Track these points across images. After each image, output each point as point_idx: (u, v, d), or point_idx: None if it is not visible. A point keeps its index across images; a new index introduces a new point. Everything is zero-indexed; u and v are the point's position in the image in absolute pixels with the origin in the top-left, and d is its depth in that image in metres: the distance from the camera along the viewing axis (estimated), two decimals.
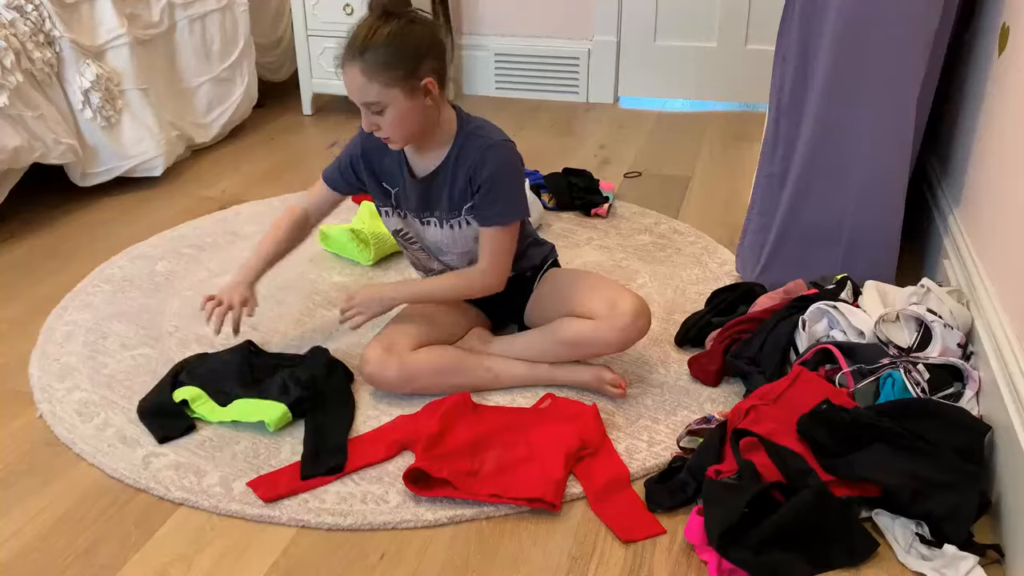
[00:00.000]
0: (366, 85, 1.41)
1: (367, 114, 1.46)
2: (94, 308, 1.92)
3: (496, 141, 1.53)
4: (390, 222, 1.67)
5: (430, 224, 1.61)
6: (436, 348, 1.60)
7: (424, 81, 1.43)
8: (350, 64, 1.41)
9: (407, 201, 1.60)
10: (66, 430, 1.51)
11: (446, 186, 1.55)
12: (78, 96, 2.42)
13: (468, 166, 1.52)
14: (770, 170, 1.91)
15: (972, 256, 1.64)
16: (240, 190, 2.63)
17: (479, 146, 1.51)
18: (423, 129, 1.50)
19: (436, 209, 1.58)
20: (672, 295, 1.97)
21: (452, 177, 1.54)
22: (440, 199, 1.57)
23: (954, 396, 1.40)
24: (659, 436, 1.48)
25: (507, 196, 1.53)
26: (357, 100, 1.45)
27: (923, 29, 1.67)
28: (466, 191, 1.54)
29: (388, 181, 1.61)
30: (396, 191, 1.60)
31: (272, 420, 1.48)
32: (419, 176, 1.57)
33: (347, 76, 1.43)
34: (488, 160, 1.50)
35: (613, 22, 3.46)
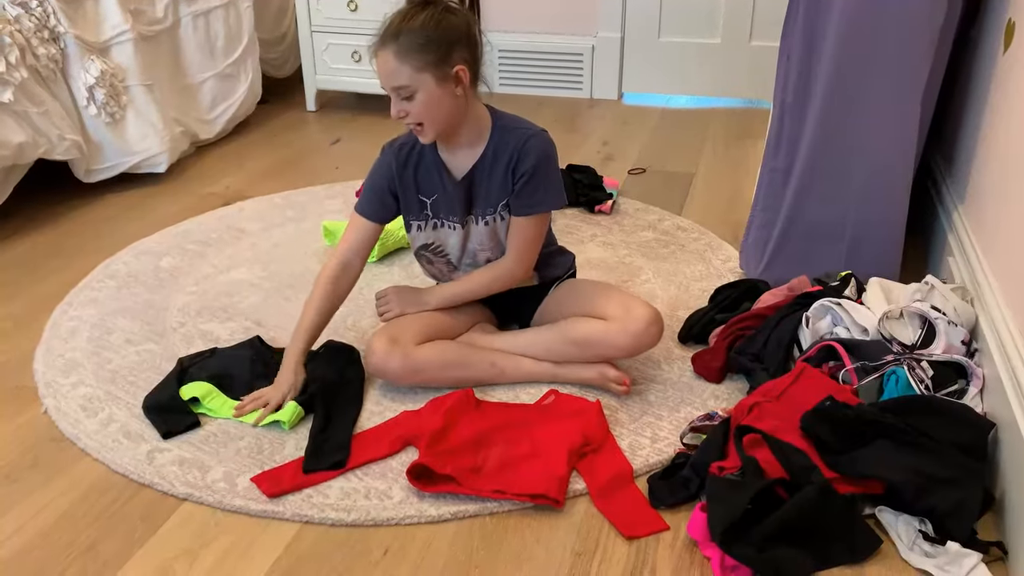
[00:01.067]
0: (398, 69, 1.42)
1: (396, 100, 1.46)
2: (99, 304, 1.92)
3: (536, 131, 1.54)
4: (420, 237, 1.64)
5: (468, 224, 1.60)
6: (441, 342, 1.61)
7: (455, 69, 1.44)
8: (383, 49, 1.42)
9: (448, 206, 1.59)
10: (70, 425, 1.51)
11: (485, 182, 1.55)
12: (83, 92, 2.43)
13: (508, 158, 1.52)
14: (774, 166, 1.91)
15: (976, 253, 1.64)
16: (244, 186, 2.63)
17: (519, 137, 1.52)
18: (453, 120, 1.50)
19: (477, 208, 1.58)
20: (676, 291, 1.97)
21: (490, 172, 1.54)
22: (481, 196, 1.57)
23: (958, 393, 1.39)
24: (662, 432, 1.48)
25: (548, 185, 1.54)
26: (387, 84, 1.45)
27: (928, 26, 1.66)
28: (506, 183, 1.54)
29: (425, 191, 1.59)
30: (434, 199, 1.59)
31: (288, 419, 1.49)
32: (458, 177, 1.56)
33: (379, 61, 1.44)
34: (531, 150, 1.51)
35: (617, 18, 3.45)
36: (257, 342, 1.70)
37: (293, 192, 2.56)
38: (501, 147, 1.53)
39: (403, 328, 1.59)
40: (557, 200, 1.58)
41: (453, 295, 1.65)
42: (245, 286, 2.00)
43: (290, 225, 2.34)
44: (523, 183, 1.52)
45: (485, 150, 1.54)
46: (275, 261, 2.13)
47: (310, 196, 2.53)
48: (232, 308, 1.90)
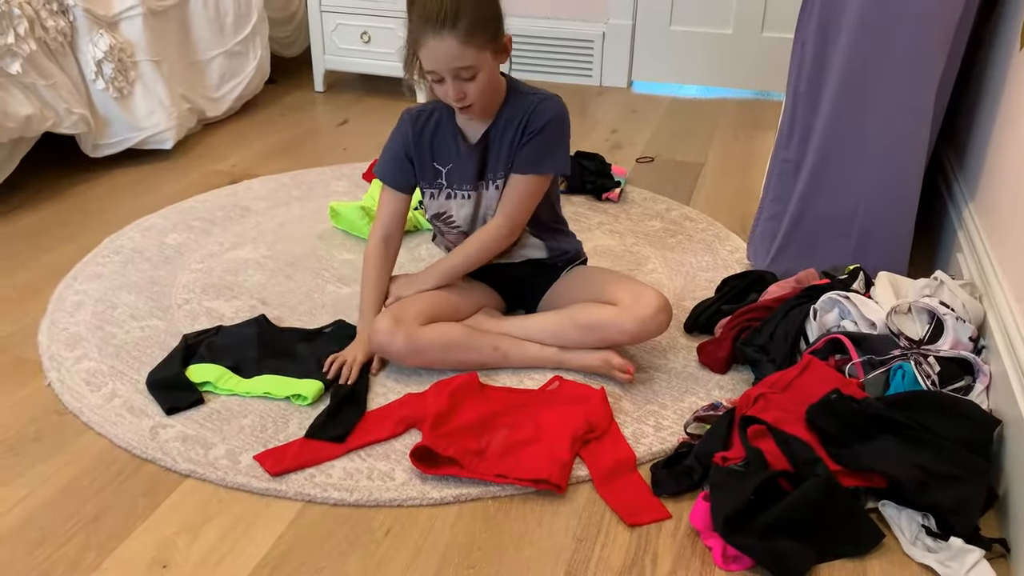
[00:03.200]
0: (463, 52, 1.41)
1: (457, 83, 1.44)
2: (104, 278, 1.92)
3: (550, 95, 1.56)
4: (432, 205, 1.65)
5: (480, 189, 1.60)
6: (445, 323, 1.60)
7: (505, 40, 1.46)
8: (441, 34, 1.39)
9: (461, 174, 1.59)
10: (74, 399, 1.51)
11: (497, 143, 1.56)
12: (91, 66, 2.42)
13: (519, 119, 1.53)
14: (785, 157, 1.90)
15: (986, 250, 1.63)
16: (251, 165, 2.63)
17: (533, 100, 1.54)
18: (499, 90, 1.52)
19: (489, 172, 1.59)
20: (682, 281, 1.97)
21: (503, 135, 1.55)
22: (494, 159, 1.57)
23: (964, 389, 1.39)
24: (666, 422, 1.48)
25: (553, 146, 1.55)
26: (450, 67, 1.42)
27: (944, 21, 1.65)
28: (515, 143, 1.54)
29: (441, 160, 1.60)
30: (449, 168, 1.60)
31: (312, 394, 1.50)
32: (472, 142, 1.57)
33: (438, 46, 1.40)
34: (544, 110, 1.53)
35: (629, 6, 3.43)
36: (263, 320, 1.70)
37: (300, 172, 2.55)
38: (515, 111, 1.54)
39: (407, 309, 1.59)
40: (561, 164, 1.57)
41: (447, 269, 1.64)
42: (250, 264, 2.00)
43: (296, 205, 2.33)
44: (529, 140, 1.53)
45: (499, 114, 1.55)
46: (280, 240, 2.12)
47: (317, 177, 2.53)
48: (237, 286, 1.90)
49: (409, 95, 3.15)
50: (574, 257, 1.73)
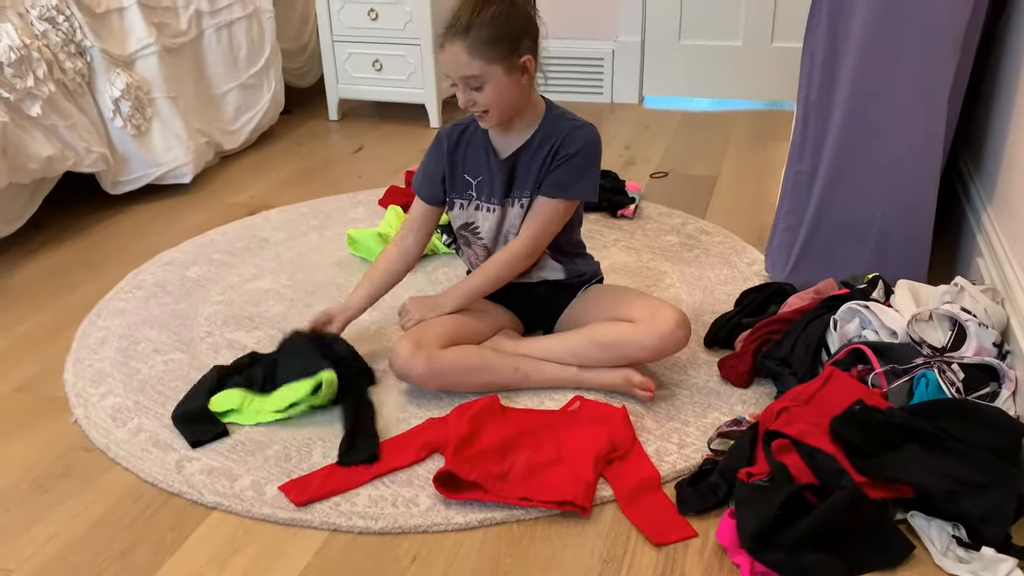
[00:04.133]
0: (469, 61, 1.47)
1: (465, 89, 1.51)
2: (127, 314, 1.94)
3: (584, 124, 1.59)
4: (461, 215, 1.67)
5: (505, 206, 1.63)
6: (465, 346, 1.61)
7: (523, 59, 1.50)
8: (453, 41, 1.47)
9: (490, 187, 1.62)
10: (100, 435, 1.53)
11: (527, 163, 1.59)
12: (109, 105, 2.46)
13: (553, 143, 1.57)
14: (799, 168, 1.90)
15: (1007, 253, 1.62)
16: (268, 196, 2.65)
17: (568, 126, 1.58)
18: (518, 106, 1.56)
19: (517, 190, 1.61)
20: (701, 296, 1.96)
21: (534, 155, 1.58)
22: (523, 179, 1.60)
23: (990, 396, 1.37)
24: (689, 438, 1.47)
25: (583, 172, 1.58)
26: (456, 75, 1.50)
27: (954, 23, 1.65)
28: (545, 166, 1.58)
29: (471, 172, 1.63)
30: (479, 180, 1.63)
31: (327, 380, 1.52)
32: (503, 156, 1.60)
33: (449, 52, 1.48)
34: (577, 137, 1.56)
35: (637, 22, 3.45)
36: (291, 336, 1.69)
37: (317, 201, 2.58)
38: (549, 133, 1.57)
39: (427, 332, 1.60)
40: (588, 191, 1.60)
41: (468, 290, 1.66)
42: (270, 295, 2.01)
43: (314, 234, 2.35)
44: (559, 164, 1.56)
45: (534, 135, 1.58)
46: (300, 270, 2.14)
47: (334, 205, 2.55)
48: (258, 317, 1.92)
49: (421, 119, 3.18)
50: (591, 277, 1.73)
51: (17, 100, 2.17)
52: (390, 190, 2.52)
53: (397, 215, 2.25)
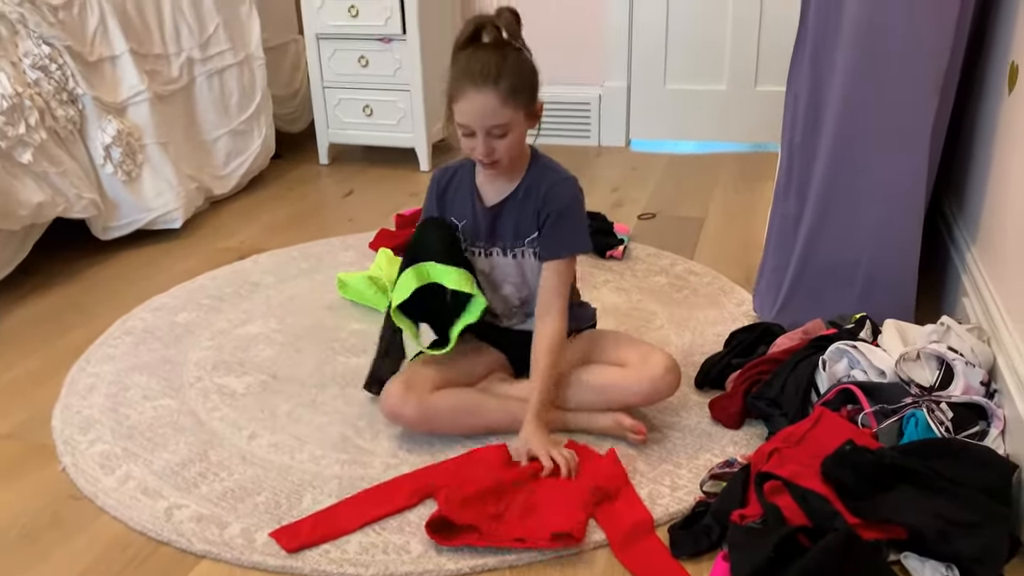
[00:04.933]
0: (499, 109, 1.46)
1: (488, 139, 1.48)
2: (116, 360, 1.94)
3: (566, 176, 1.60)
4: None
5: (492, 255, 1.63)
6: (456, 389, 1.61)
7: (538, 105, 1.52)
8: (483, 90, 1.45)
9: (475, 232, 1.62)
10: (88, 483, 1.52)
11: (513, 215, 1.59)
12: (100, 151, 2.47)
13: (537, 198, 1.57)
14: (784, 210, 1.92)
15: (991, 293, 1.64)
16: (258, 240, 2.66)
17: (550, 180, 1.57)
18: (522, 153, 1.57)
19: (500, 240, 1.61)
20: (690, 337, 1.97)
21: (520, 207, 1.58)
22: (506, 229, 1.60)
23: (979, 435, 1.38)
24: (681, 481, 1.47)
25: (574, 228, 1.59)
26: (484, 124, 1.47)
27: (933, 67, 1.68)
28: (532, 222, 1.58)
29: (457, 215, 1.63)
30: (464, 223, 1.62)
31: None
32: (488, 205, 1.60)
33: (478, 100, 1.45)
34: (559, 194, 1.56)
35: (623, 68, 3.50)
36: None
37: (307, 245, 2.59)
38: (534, 185, 1.57)
39: (418, 375, 1.60)
40: (584, 244, 1.61)
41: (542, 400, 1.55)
42: (260, 339, 2.01)
43: (304, 278, 2.36)
44: (550, 225, 1.56)
45: (519, 184, 1.58)
46: (290, 314, 2.14)
47: (324, 248, 2.56)
48: (248, 362, 1.91)
49: (411, 162, 3.21)
50: (586, 323, 1.74)
51: (8, 147, 2.18)
52: (380, 233, 2.53)
53: (388, 258, 2.26)
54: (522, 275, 1.64)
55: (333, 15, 3.20)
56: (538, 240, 1.58)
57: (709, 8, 3.36)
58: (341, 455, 1.57)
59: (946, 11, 1.64)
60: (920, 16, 1.63)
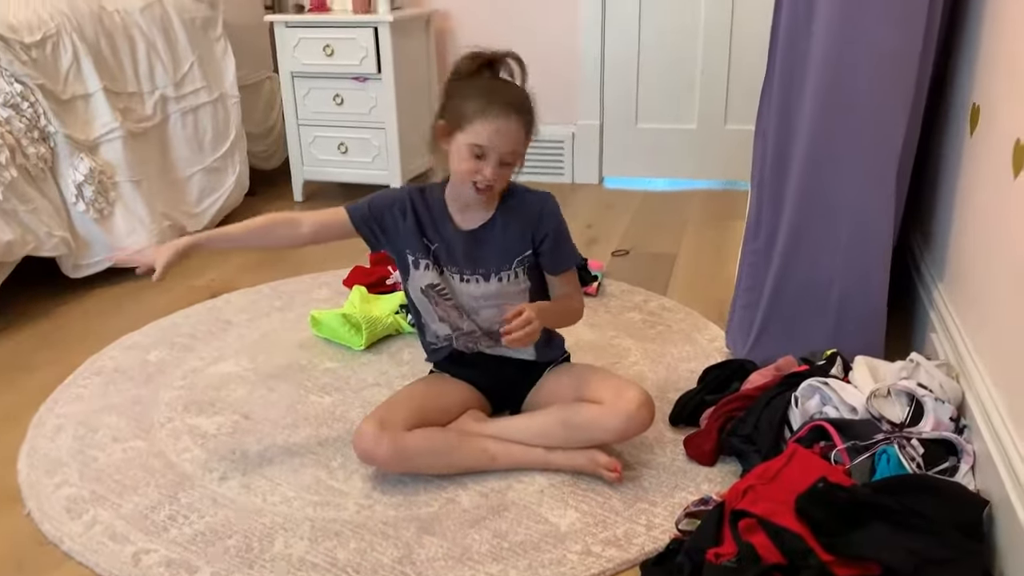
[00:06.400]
0: (520, 139, 1.49)
1: (497, 165, 1.49)
2: (85, 400, 1.91)
3: (547, 195, 1.62)
4: (426, 276, 1.62)
5: (470, 282, 1.61)
6: (431, 428, 1.60)
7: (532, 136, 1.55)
8: (510, 116, 1.47)
9: (450, 257, 1.61)
10: (54, 527, 1.48)
11: (498, 239, 1.59)
12: (71, 189, 2.46)
13: (525, 220, 1.58)
14: (755, 246, 1.95)
15: (958, 329, 1.66)
16: (231, 278, 2.65)
17: (533, 201, 1.60)
18: None
19: (482, 266, 1.60)
20: (664, 373, 1.98)
21: (504, 230, 1.59)
22: (489, 253, 1.59)
23: (950, 470, 1.39)
24: (657, 519, 1.47)
25: (570, 242, 1.64)
26: (503, 149, 1.48)
27: (898, 107, 1.72)
28: (523, 242, 1.59)
29: (430, 237, 1.61)
30: (436, 247, 1.61)
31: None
32: (462, 227, 1.59)
33: (504, 125, 1.47)
34: (549, 213, 1.60)
35: (596, 107, 3.55)
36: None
37: (281, 282, 2.58)
38: (517, 208, 1.59)
39: (393, 413, 1.58)
40: (577, 255, 1.67)
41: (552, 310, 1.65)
42: (232, 379, 1.99)
43: (276, 316, 2.34)
44: (552, 244, 1.59)
45: (498, 208, 1.59)
46: (262, 352, 2.12)
47: (297, 286, 2.55)
48: (219, 402, 1.89)
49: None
50: (559, 356, 1.74)
51: None
52: (355, 270, 2.53)
53: (362, 295, 2.26)
54: (508, 295, 1.62)
55: (308, 54, 3.22)
56: (539, 259, 1.61)
57: (679, 49, 3.42)
58: (313, 496, 1.55)
59: (909, 52, 1.68)
60: (884, 58, 1.68)
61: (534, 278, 1.63)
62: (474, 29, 3.56)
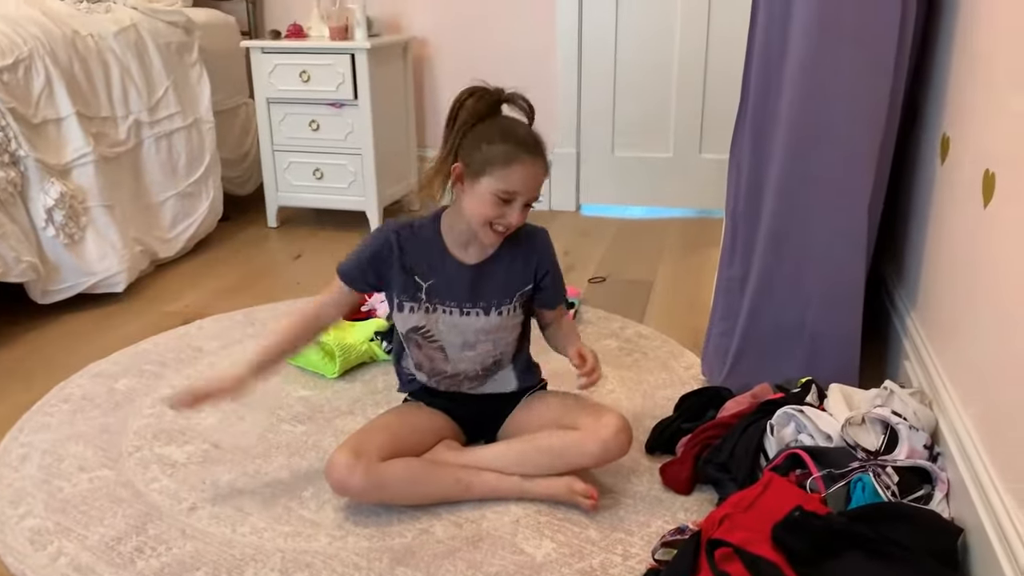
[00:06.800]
0: (544, 180, 1.51)
1: (522, 208, 1.50)
2: (52, 429, 1.87)
3: (543, 229, 1.65)
4: (411, 319, 1.60)
5: (470, 315, 1.59)
6: (406, 458, 1.57)
7: None
8: (537, 159, 1.49)
9: (447, 291, 1.58)
10: (17, 560, 1.44)
11: (503, 272, 1.59)
12: (41, 214, 2.42)
13: (527, 254, 1.60)
14: (730, 274, 1.95)
15: (931, 357, 1.67)
16: (204, 304, 2.62)
17: (528, 233, 1.61)
18: None
19: (483, 299, 1.59)
20: (640, 400, 1.97)
21: (509, 264, 1.59)
22: (492, 287, 1.59)
23: (924, 498, 1.40)
24: (634, 549, 1.45)
25: (561, 277, 1.68)
26: (533, 193, 1.49)
27: (869, 137, 1.74)
28: (526, 276, 1.60)
29: (422, 275, 1.58)
30: (430, 284, 1.58)
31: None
32: (465, 261, 1.58)
33: (533, 169, 1.48)
34: (547, 247, 1.64)
35: (573, 135, 3.57)
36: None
37: (254, 309, 2.55)
38: (518, 243, 1.59)
39: (366, 442, 1.56)
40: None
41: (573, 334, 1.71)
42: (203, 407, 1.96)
43: (250, 342, 2.31)
44: (550, 280, 1.63)
45: (500, 249, 1.58)
46: None
47: (270, 313, 2.52)
48: (189, 430, 1.86)
49: (361, 226, 3.20)
50: (536, 385, 1.74)
51: None
52: None
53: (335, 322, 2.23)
54: (504, 330, 1.62)
55: (284, 80, 3.21)
56: (537, 294, 1.63)
57: (655, 79, 3.46)
58: (285, 527, 1.53)
59: (880, 85, 1.71)
60: (856, 90, 1.70)
61: (526, 312, 1.66)
62: (452, 57, 3.58)
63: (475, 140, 1.48)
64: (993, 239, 1.37)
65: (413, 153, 3.60)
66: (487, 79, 1.54)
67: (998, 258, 1.33)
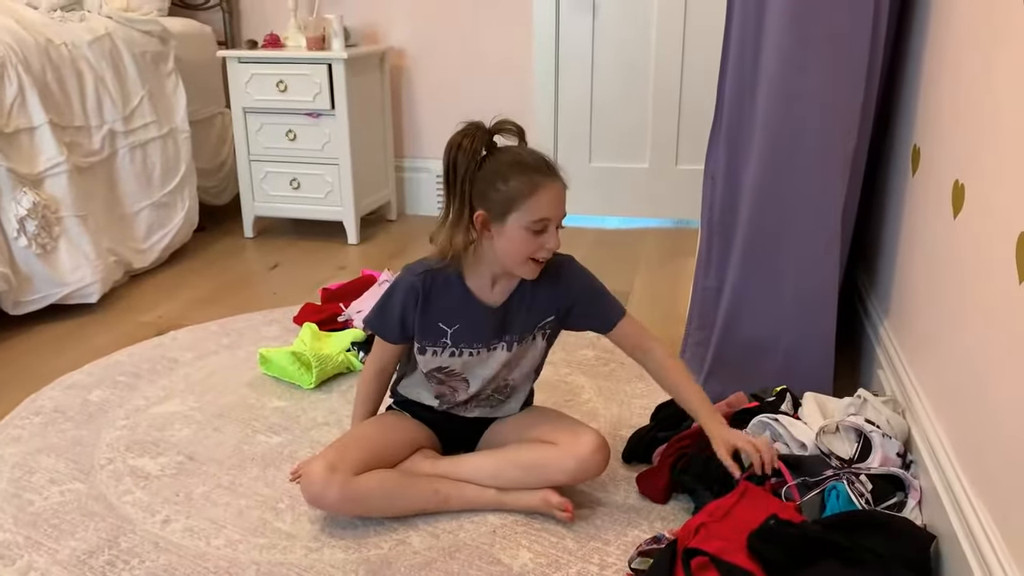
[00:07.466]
0: (566, 196, 1.48)
1: (554, 231, 1.47)
2: (22, 442, 1.84)
3: (563, 257, 1.58)
4: (433, 361, 1.58)
5: (496, 349, 1.58)
6: (382, 470, 1.56)
7: None
8: (556, 179, 1.46)
9: (474, 334, 1.55)
10: None
11: (525, 305, 1.56)
12: (13, 224, 2.40)
13: (550, 285, 1.55)
14: (705, 284, 1.97)
15: (904, 365, 1.69)
16: (179, 314, 2.60)
17: (555, 263, 1.54)
18: None
19: (508, 333, 1.57)
20: (617, 410, 1.98)
21: (532, 297, 1.56)
22: (517, 321, 1.56)
23: (897, 506, 1.41)
24: (610, 559, 1.46)
25: (608, 293, 1.61)
26: (560, 214, 1.47)
27: (841, 150, 1.77)
28: (548, 306, 1.57)
29: (446, 320, 1.55)
30: (456, 328, 1.55)
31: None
32: (493, 305, 1.55)
33: (556, 189, 1.45)
34: (571, 275, 1.58)
35: (550, 146, 3.58)
36: None
37: (229, 319, 2.53)
38: (543, 274, 1.53)
39: (343, 455, 1.55)
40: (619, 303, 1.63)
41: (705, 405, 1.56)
42: (177, 418, 1.94)
43: (225, 353, 2.30)
44: (588, 303, 1.58)
45: (522, 281, 1.55)
46: (209, 391, 2.07)
47: (246, 323, 2.50)
48: (163, 442, 1.84)
49: (339, 236, 3.18)
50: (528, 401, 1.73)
51: None
52: (305, 307, 2.49)
53: (312, 333, 2.23)
54: (527, 360, 1.61)
55: (261, 90, 3.20)
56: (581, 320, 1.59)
57: (631, 91, 3.48)
58: (259, 540, 1.51)
59: (854, 87, 1.73)
60: (828, 104, 1.72)
61: (550, 340, 1.63)
62: (429, 68, 3.58)
63: (488, 182, 1.43)
64: (962, 249, 1.39)
65: (390, 163, 3.60)
66: (465, 92, 1.53)
67: (967, 268, 1.35)
